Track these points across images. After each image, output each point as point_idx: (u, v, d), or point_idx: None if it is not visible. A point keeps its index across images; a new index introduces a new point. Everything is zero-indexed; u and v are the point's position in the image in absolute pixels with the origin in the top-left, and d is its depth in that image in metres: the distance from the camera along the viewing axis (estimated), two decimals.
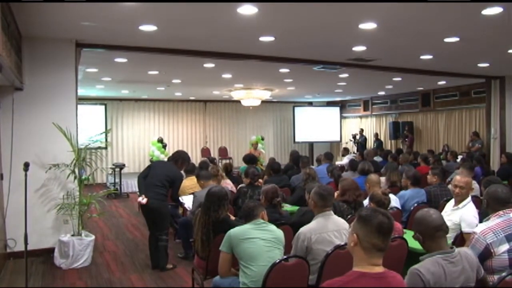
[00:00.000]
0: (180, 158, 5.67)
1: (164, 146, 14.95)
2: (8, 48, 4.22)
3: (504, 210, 3.14)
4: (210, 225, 3.94)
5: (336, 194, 4.60)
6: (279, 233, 3.42)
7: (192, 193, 5.82)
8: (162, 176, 5.32)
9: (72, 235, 5.63)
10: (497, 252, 2.90)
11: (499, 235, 2.94)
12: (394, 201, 5.07)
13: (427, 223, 2.45)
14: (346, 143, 16.64)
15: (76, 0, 4.15)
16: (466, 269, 2.40)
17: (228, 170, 7.42)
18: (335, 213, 3.64)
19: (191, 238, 5.43)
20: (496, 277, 2.85)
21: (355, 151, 14.52)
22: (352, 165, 7.85)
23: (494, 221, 3.09)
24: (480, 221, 3.58)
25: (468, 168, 6.36)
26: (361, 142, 15.59)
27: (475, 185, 5.86)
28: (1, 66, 4.10)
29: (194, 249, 4.66)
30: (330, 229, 3.38)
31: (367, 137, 16.11)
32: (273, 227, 3.44)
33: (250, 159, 8.56)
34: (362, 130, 16.21)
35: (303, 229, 3.37)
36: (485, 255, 2.90)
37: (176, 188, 5.50)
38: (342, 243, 3.26)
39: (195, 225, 4.14)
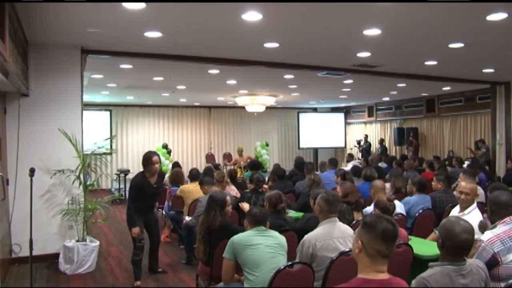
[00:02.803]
0: (143, 160, 5.15)
1: (169, 152, 14.96)
2: (14, 54, 4.26)
3: (511, 217, 3.12)
4: (209, 228, 3.95)
5: None
6: (282, 238, 3.43)
7: (197, 199, 5.81)
8: None
9: (77, 241, 5.64)
10: (504, 260, 2.86)
11: (506, 244, 2.90)
12: (399, 207, 5.05)
13: (456, 243, 2.32)
14: (351, 149, 16.60)
15: (80, 0, 4.17)
16: (475, 283, 2.34)
17: (233, 176, 7.41)
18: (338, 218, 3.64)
19: (194, 244, 5.42)
20: (502, 284, 2.83)
21: (360, 157, 14.48)
22: (355, 171, 7.83)
23: (501, 228, 3.06)
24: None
25: (470, 174, 6.31)
26: (365, 148, 15.54)
27: (480, 191, 5.82)
28: (7, 72, 4.14)
29: (196, 255, 4.66)
30: (335, 236, 3.37)
31: (371, 143, 16.06)
32: (275, 233, 3.44)
33: (254, 165, 8.56)
34: (366, 136, 16.18)
35: (308, 236, 3.36)
36: (492, 263, 2.87)
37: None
38: (347, 250, 3.25)
39: (198, 230, 4.15)
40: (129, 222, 5.01)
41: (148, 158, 5.01)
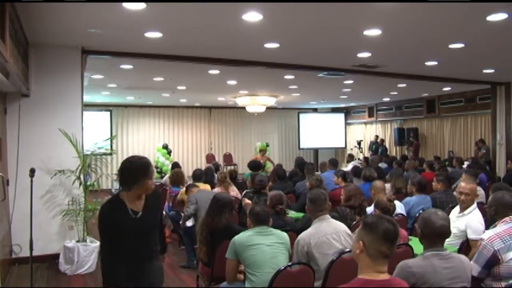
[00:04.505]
0: (128, 171, 2.86)
1: (169, 152, 14.99)
2: (15, 55, 4.26)
3: (511, 216, 3.13)
4: (212, 229, 3.96)
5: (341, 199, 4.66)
6: (284, 235, 3.45)
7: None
8: None
9: (77, 241, 5.64)
10: (504, 259, 2.88)
11: (506, 242, 2.92)
12: (399, 207, 5.05)
13: (432, 229, 2.52)
14: (351, 149, 16.61)
15: (80, 0, 4.17)
16: (459, 268, 2.46)
17: (233, 177, 7.41)
18: (338, 218, 3.65)
19: (195, 245, 5.42)
20: (503, 284, 2.83)
21: (360, 158, 14.48)
22: (355, 172, 7.83)
23: (501, 227, 3.08)
24: (487, 228, 3.56)
25: (472, 174, 6.31)
26: (375, 149, 15.38)
27: (480, 191, 5.82)
28: (8, 73, 4.14)
29: (197, 256, 4.66)
30: (328, 232, 3.40)
31: (373, 143, 15.96)
32: (276, 231, 3.46)
33: (255, 166, 8.55)
34: (377, 137, 15.97)
35: (301, 235, 3.41)
36: (493, 261, 2.88)
37: None
38: (341, 247, 3.31)
39: (198, 230, 4.15)
40: (104, 282, 2.76)
41: (141, 168, 2.77)
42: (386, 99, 14.97)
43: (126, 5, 4.18)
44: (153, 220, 2.90)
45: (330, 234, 3.39)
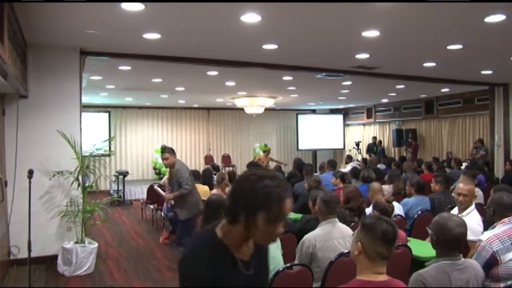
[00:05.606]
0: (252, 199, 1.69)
1: None
2: (13, 56, 4.26)
3: (510, 218, 3.13)
4: None
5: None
6: None
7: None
8: None
9: (75, 242, 5.63)
10: (503, 260, 2.88)
11: (505, 243, 2.92)
12: (398, 208, 5.05)
13: (450, 236, 2.40)
14: (350, 150, 16.61)
15: (79, 0, 4.17)
16: (472, 279, 2.39)
17: (231, 178, 7.39)
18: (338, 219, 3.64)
19: None
20: (502, 285, 2.83)
21: (358, 159, 14.49)
22: (354, 173, 7.83)
23: (500, 228, 3.08)
24: (485, 229, 3.56)
25: (470, 175, 6.32)
26: (376, 150, 15.36)
27: (478, 192, 5.83)
28: (6, 74, 4.13)
29: None
30: (335, 236, 3.39)
31: (373, 143, 15.94)
32: None
33: (253, 167, 8.53)
34: (375, 138, 15.93)
35: (307, 236, 3.38)
36: (491, 263, 2.88)
37: None
38: (346, 251, 3.26)
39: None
40: None
41: (272, 197, 1.52)
42: (385, 100, 14.99)
43: (124, 6, 4.18)
44: (265, 277, 1.88)
45: (337, 238, 3.39)
